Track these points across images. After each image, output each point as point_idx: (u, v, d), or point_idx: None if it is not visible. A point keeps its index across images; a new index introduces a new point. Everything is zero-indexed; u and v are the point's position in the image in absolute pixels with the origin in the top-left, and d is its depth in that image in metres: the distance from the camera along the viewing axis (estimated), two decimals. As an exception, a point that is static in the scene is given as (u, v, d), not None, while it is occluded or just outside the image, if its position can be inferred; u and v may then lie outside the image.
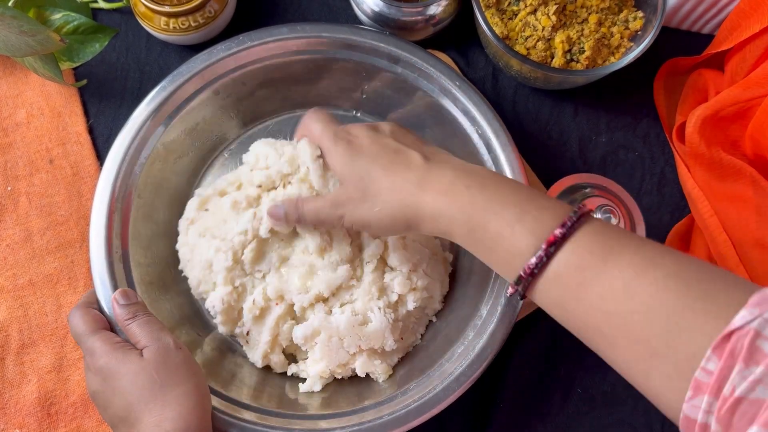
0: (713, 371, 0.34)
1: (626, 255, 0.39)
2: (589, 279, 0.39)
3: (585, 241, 0.40)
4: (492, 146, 0.57)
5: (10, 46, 0.57)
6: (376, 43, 0.59)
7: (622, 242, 0.40)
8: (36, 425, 0.57)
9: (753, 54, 0.60)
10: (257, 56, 0.59)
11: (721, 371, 0.34)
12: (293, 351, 0.57)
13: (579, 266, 0.39)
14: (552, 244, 0.40)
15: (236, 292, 0.55)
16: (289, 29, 0.59)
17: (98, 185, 0.55)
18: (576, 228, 0.40)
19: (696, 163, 0.61)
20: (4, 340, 0.58)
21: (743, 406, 0.33)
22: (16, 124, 0.64)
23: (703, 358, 0.34)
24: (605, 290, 0.38)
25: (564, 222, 0.40)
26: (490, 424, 0.59)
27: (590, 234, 0.40)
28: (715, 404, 0.34)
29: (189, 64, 0.58)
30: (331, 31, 0.59)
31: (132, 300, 0.51)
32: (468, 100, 0.58)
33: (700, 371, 0.34)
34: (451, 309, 0.59)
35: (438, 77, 0.58)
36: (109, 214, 0.54)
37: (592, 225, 0.41)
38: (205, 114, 0.60)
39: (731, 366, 0.33)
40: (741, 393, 0.33)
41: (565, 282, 0.40)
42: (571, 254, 0.40)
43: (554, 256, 0.40)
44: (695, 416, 0.35)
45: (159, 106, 0.57)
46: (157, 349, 0.47)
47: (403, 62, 0.59)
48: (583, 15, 0.62)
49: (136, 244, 0.56)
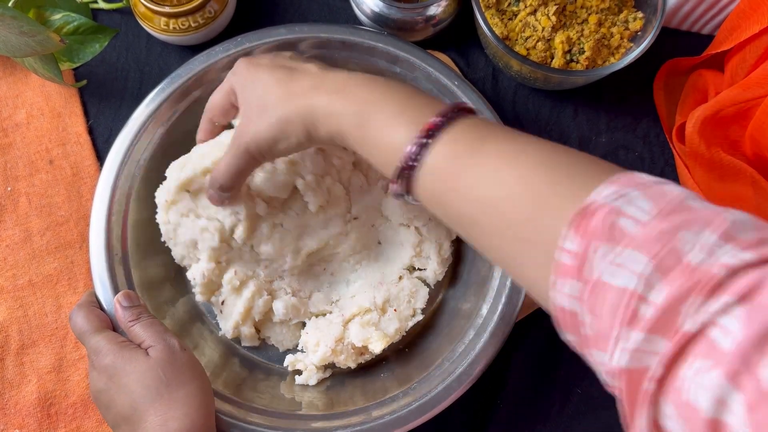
0: (574, 250, 0.33)
1: (498, 144, 0.39)
2: (462, 168, 0.39)
3: (460, 132, 0.40)
4: None
5: (10, 46, 0.57)
6: (374, 43, 0.59)
7: (496, 133, 0.40)
8: (36, 425, 0.57)
9: (753, 54, 0.60)
10: None
11: (581, 250, 0.32)
12: (260, 327, 0.58)
13: (453, 156, 0.39)
14: (428, 132, 0.40)
15: (218, 268, 0.55)
16: (287, 30, 0.59)
17: (98, 187, 0.55)
18: (453, 120, 0.40)
19: (696, 163, 0.61)
20: (3, 340, 0.58)
21: (608, 292, 0.31)
22: (16, 124, 0.64)
23: (561, 237, 0.33)
24: (477, 178, 0.38)
25: (440, 112, 0.40)
26: (490, 424, 0.59)
27: (466, 126, 0.40)
28: (579, 287, 0.33)
29: (188, 65, 0.58)
30: (329, 32, 0.59)
31: (135, 302, 0.51)
32: (467, 100, 0.58)
33: (559, 251, 0.33)
34: (452, 305, 0.59)
35: (437, 77, 0.59)
36: (109, 216, 0.54)
37: (470, 118, 0.41)
38: None
39: (591, 245, 0.32)
40: (604, 277, 0.31)
41: (441, 173, 0.40)
42: (445, 145, 0.39)
43: (431, 147, 0.40)
44: (562, 303, 0.34)
45: (158, 107, 0.57)
46: (163, 348, 0.47)
47: (402, 62, 0.59)
48: (583, 15, 0.62)
49: (135, 245, 0.56)
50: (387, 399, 0.53)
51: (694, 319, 0.28)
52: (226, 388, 0.54)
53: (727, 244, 0.30)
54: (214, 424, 0.48)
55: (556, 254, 0.33)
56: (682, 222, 0.31)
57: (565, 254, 0.33)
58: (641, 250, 0.31)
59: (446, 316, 0.59)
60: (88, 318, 0.50)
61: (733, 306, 0.28)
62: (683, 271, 0.30)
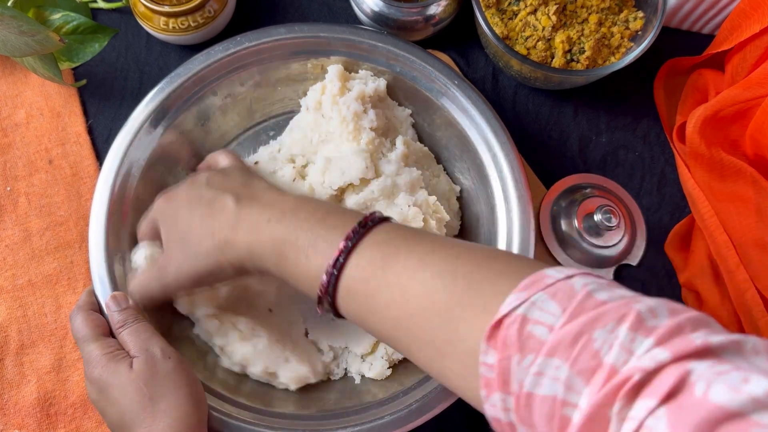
0: (494, 364, 0.33)
1: (401, 259, 0.39)
2: (374, 289, 0.40)
3: (367, 252, 0.40)
4: (491, 145, 0.57)
5: (9, 46, 0.57)
6: (373, 42, 0.59)
7: (400, 246, 0.40)
8: (35, 426, 0.57)
9: (753, 54, 0.60)
10: (255, 57, 0.59)
11: (500, 363, 0.33)
12: None
13: (363, 278, 0.40)
14: (336, 261, 0.41)
15: None
16: (287, 29, 0.59)
17: (97, 186, 0.55)
18: (361, 238, 0.41)
19: (696, 163, 0.61)
20: (3, 340, 0.58)
21: (536, 403, 0.32)
22: (16, 124, 0.64)
23: (480, 352, 0.34)
24: (388, 298, 0.39)
25: (347, 236, 0.41)
26: (489, 424, 0.59)
27: (373, 244, 0.41)
28: (509, 400, 0.33)
29: (187, 65, 0.58)
30: (329, 32, 0.59)
31: (122, 306, 0.51)
32: (467, 100, 0.58)
33: (482, 366, 0.34)
34: None
35: (437, 77, 0.58)
36: (108, 216, 0.54)
37: (377, 233, 0.41)
38: (203, 115, 0.60)
39: (509, 357, 0.33)
40: (529, 388, 0.32)
41: (356, 295, 0.41)
42: (355, 268, 0.40)
43: (342, 272, 0.40)
44: (498, 415, 0.34)
45: (158, 106, 0.57)
46: (145, 360, 0.47)
47: (402, 62, 0.59)
48: (583, 15, 0.62)
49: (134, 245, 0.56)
50: (387, 399, 0.53)
51: (624, 426, 0.28)
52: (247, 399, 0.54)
53: (640, 336, 0.30)
54: (205, 429, 0.47)
55: (480, 369, 0.34)
56: (592, 320, 0.31)
57: (486, 368, 0.34)
58: (558, 356, 0.31)
59: None
60: (86, 323, 0.50)
61: (657, 408, 0.28)
62: (603, 372, 0.30)
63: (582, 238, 0.61)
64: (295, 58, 0.60)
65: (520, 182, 0.56)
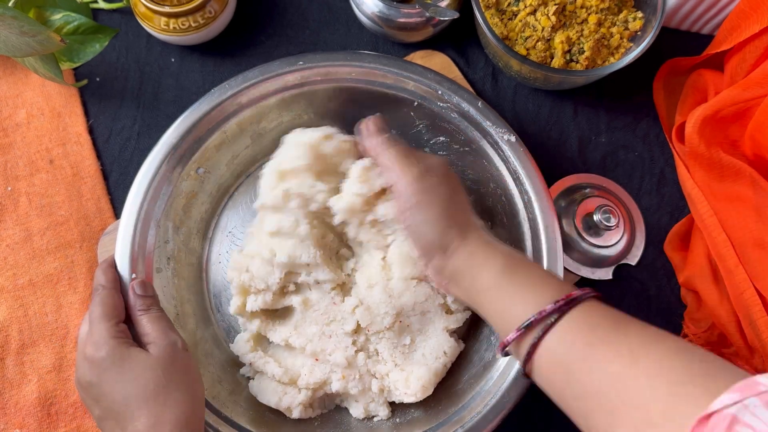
0: None
1: (633, 328, 0.41)
2: (597, 339, 0.41)
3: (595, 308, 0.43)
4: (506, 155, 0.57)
5: (10, 46, 0.57)
6: (374, 65, 0.57)
7: (629, 319, 0.42)
8: (36, 425, 0.57)
9: (753, 54, 0.60)
10: (267, 90, 0.57)
11: None
12: None
13: (590, 324, 0.42)
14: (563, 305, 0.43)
15: None
16: (281, 63, 0.57)
17: (117, 246, 0.53)
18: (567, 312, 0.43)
19: (696, 163, 0.61)
20: (4, 340, 0.58)
21: None
22: (17, 124, 0.64)
23: None
24: (612, 353, 0.40)
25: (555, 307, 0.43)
26: None
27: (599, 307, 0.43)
28: None
29: (199, 105, 0.56)
30: (345, 60, 0.58)
31: (148, 293, 0.51)
32: (465, 100, 0.57)
33: None
34: None
35: (458, 102, 0.57)
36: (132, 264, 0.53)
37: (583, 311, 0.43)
38: (219, 155, 0.59)
39: None
40: None
41: (572, 339, 0.42)
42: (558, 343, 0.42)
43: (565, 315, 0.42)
44: None
45: (173, 148, 0.55)
46: (166, 347, 0.47)
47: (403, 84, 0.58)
48: (583, 15, 0.62)
49: None
50: None
51: None
52: None
53: None
54: (202, 428, 0.47)
55: None
56: None
57: None
58: None
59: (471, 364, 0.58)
60: (105, 301, 0.49)
61: None
62: None
63: (581, 238, 0.62)
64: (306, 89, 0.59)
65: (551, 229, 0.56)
